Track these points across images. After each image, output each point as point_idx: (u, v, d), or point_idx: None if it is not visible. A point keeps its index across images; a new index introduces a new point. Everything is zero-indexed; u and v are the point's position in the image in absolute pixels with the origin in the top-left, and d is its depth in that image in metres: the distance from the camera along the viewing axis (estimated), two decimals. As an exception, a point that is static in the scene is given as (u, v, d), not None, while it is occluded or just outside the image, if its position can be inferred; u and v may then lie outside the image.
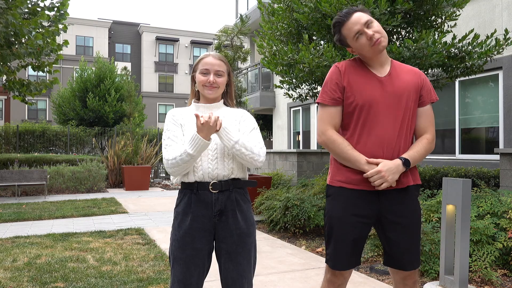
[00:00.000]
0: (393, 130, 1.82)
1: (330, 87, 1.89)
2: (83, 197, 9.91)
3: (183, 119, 1.88)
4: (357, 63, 1.92)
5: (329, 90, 1.89)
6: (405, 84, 1.87)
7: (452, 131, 7.66)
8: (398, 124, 1.83)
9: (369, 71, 1.88)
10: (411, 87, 1.87)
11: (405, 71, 1.92)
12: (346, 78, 1.87)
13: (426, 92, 1.91)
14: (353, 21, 1.84)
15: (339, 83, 1.87)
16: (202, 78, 1.86)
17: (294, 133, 13.66)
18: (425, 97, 1.90)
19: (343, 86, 1.87)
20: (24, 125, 15.68)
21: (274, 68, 5.45)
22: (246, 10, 16.43)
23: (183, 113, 1.90)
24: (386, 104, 1.83)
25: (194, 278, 1.79)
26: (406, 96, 1.85)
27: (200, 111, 1.91)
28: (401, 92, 1.85)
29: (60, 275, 3.68)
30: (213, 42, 34.81)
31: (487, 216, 3.79)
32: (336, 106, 1.89)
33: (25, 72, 28.75)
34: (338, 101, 1.88)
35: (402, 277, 1.92)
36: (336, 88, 1.87)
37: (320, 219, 5.15)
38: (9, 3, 7.54)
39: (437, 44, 4.22)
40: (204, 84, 1.86)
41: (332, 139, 1.86)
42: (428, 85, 1.93)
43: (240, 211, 1.84)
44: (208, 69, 1.86)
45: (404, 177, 1.84)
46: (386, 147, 1.82)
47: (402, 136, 1.84)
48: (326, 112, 1.89)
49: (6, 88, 9.11)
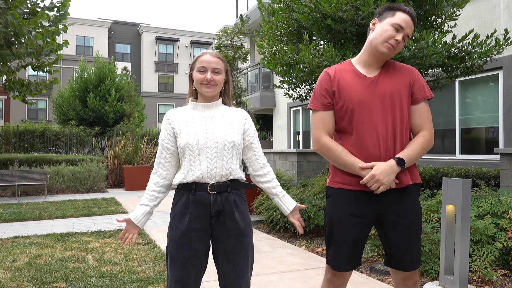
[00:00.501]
0: (387, 130, 1.82)
1: (319, 92, 1.92)
2: (83, 197, 9.90)
3: (178, 123, 1.86)
4: (347, 66, 1.93)
5: (318, 96, 1.92)
6: (395, 83, 1.86)
7: (452, 131, 7.65)
8: (392, 124, 1.83)
9: (359, 74, 1.89)
10: (401, 86, 1.86)
11: (396, 69, 1.91)
12: (335, 83, 1.88)
13: (418, 89, 1.89)
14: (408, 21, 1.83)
15: (328, 88, 1.89)
16: (200, 76, 1.85)
17: (294, 133, 13.66)
18: (417, 94, 1.89)
19: (333, 91, 1.88)
20: (24, 125, 15.68)
21: (274, 68, 5.45)
22: (246, 10, 16.43)
23: (179, 115, 1.89)
24: (377, 105, 1.83)
25: (192, 278, 1.79)
26: (396, 95, 1.84)
27: (198, 110, 1.90)
28: (391, 91, 1.84)
29: (60, 275, 3.68)
30: (213, 42, 34.80)
31: (487, 216, 3.79)
32: (327, 111, 1.90)
33: (25, 72, 28.74)
34: (328, 106, 1.90)
35: (402, 278, 1.92)
36: (325, 93, 1.90)
37: (320, 219, 5.15)
38: (9, 3, 7.54)
39: (437, 44, 4.22)
40: (202, 82, 1.84)
41: (327, 146, 1.87)
42: (421, 82, 1.91)
43: (238, 212, 1.84)
44: (205, 66, 1.84)
45: (403, 177, 1.83)
46: (383, 147, 1.82)
47: (397, 135, 1.84)
48: (318, 117, 1.91)
49: (6, 88, 9.11)
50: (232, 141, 1.84)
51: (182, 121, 1.86)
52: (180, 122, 1.86)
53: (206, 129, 1.83)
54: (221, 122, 1.87)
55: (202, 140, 1.80)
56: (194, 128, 1.83)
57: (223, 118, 1.89)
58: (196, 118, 1.87)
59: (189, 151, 1.79)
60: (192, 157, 1.79)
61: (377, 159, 1.81)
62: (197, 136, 1.81)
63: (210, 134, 1.82)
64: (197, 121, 1.86)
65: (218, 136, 1.82)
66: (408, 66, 1.94)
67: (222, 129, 1.85)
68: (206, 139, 1.80)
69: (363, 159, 1.83)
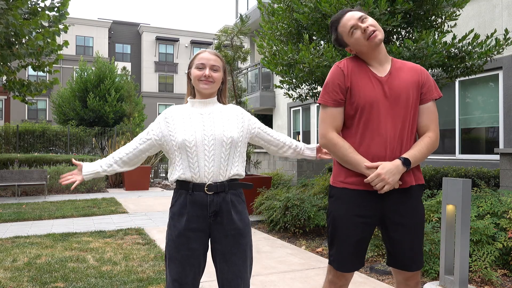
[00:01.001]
0: (394, 130, 1.81)
1: (332, 88, 1.85)
2: (83, 197, 9.91)
3: (173, 120, 1.86)
4: (358, 62, 1.89)
5: (330, 91, 1.85)
6: (405, 83, 1.85)
7: (452, 131, 7.66)
8: (400, 124, 1.82)
9: (370, 71, 1.86)
10: (411, 86, 1.85)
11: (406, 69, 1.90)
12: (349, 79, 1.84)
13: (427, 90, 1.88)
14: (348, 17, 1.86)
15: (341, 84, 1.84)
16: (198, 72, 1.84)
17: (294, 133, 13.66)
18: (426, 94, 1.87)
19: (347, 87, 1.84)
20: (24, 125, 15.68)
21: (274, 68, 5.45)
22: (246, 10, 16.43)
23: (177, 113, 1.89)
24: (387, 104, 1.81)
25: (190, 278, 1.79)
26: (406, 95, 1.83)
27: (195, 107, 1.89)
28: (401, 91, 1.83)
29: (60, 275, 3.68)
30: (213, 42, 34.78)
31: (487, 216, 3.79)
32: (338, 107, 1.86)
33: (25, 72, 28.75)
34: (340, 102, 1.85)
35: (404, 278, 1.91)
36: (338, 89, 1.84)
37: (320, 219, 5.15)
38: (10, 4, 7.54)
39: (437, 44, 4.21)
40: (200, 79, 1.84)
41: (334, 142, 1.85)
42: (430, 82, 1.89)
43: (236, 212, 1.84)
44: (204, 63, 1.85)
45: (407, 177, 1.82)
46: (389, 147, 1.80)
47: (404, 136, 1.83)
48: (328, 113, 1.87)
49: (6, 88, 9.11)
50: (231, 136, 1.82)
51: (179, 118, 1.86)
52: (176, 119, 1.86)
53: (204, 126, 1.82)
54: (219, 118, 1.86)
55: (199, 136, 1.79)
56: (191, 124, 1.82)
57: (220, 114, 1.88)
58: (193, 114, 1.86)
59: (187, 147, 1.78)
60: (190, 154, 1.78)
61: (382, 159, 1.80)
62: (194, 132, 1.80)
63: (208, 131, 1.81)
64: (194, 117, 1.85)
65: (216, 132, 1.81)
66: (418, 66, 1.92)
67: (220, 124, 1.84)
68: (203, 136, 1.80)
69: (369, 159, 1.81)
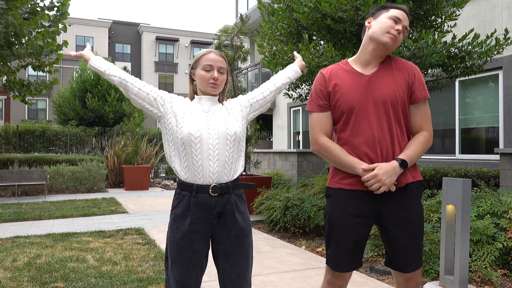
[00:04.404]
0: (384, 131, 1.80)
1: (315, 94, 1.93)
2: (83, 197, 9.90)
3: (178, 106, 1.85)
4: (344, 66, 1.92)
5: (314, 98, 1.93)
6: (392, 81, 1.83)
7: (452, 131, 7.65)
8: (389, 124, 1.80)
9: (355, 72, 1.87)
10: (399, 85, 1.83)
11: (396, 66, 1.88)
12: (331, 83, 1.89)
13: (418, 88, 1.85)
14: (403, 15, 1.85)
15: (323, 89, 1.90)
16: (206, 74, 1.81)
17: (294, 133, 13.66)
18: (417, 94, 1.85)
19: (328, 92, 1.89)
20: (24, 125, 15.67)
21: (274, 68, 5.45)
22: (246, 10, 16.43)
23: (181, 102, 1.88)
24: (373, 105, 1.81)
25: (193, 279, 1.79)
26: (394, 95, 1.81)
27: (202, 103, 1.87)
28: (387, 91, 1.81)
29: (60, 275, 3.68)
30: (213, 42, 34.79)
31: (487, 216, 3.79)
32: (324, 112, 1.91)
33: (25, 72, 28.74)
34: (324, 107, 1.90)
35: (404, 279, 1.89)
36: (320, 94, 1.91)
37: (320, 219, 5.15)
38: (10, 4, 7.53)
39: (437, 44, 4.21)
40: (208, 81, 1.82)
41: (325, 147, 1.87)
42: (421, 80, 1.87)
43: (239, 213, 1.84)
44: (212, 65, 1.82)
45: (403, 176, 1.81)
46: (379, 149, 1.80)
47: (395, 136, 1.81)
48: (315, 118, 1.93)
49: (6, 88, 9.10)
50: (234, 132, 1.82)
51: (181, 108, 1.85)
52: (179, 107, 1.85)
53: (208, 123, 1.81)
54: (220, 116, 1.85)
55: (204, 133, 1.77)
56: (198, 119, 1.80)
57: (221, 112, 1.88)
58: (199, 110, 1.84)
59: (191, 142, 1.75)
60: (194, 151, 1.76)
61: (375, 160, 1.79)
62: (200, 128, 1.78)
63: (212, 130, 1.79)
64: (200, 113, 1.83)
65: (219, 129, 1.80)
66: (409, 64, 1.89)
67: (222, 121, 1.83)
68: (208, 134, 1.78)
69: (361, 160, 1.81)
